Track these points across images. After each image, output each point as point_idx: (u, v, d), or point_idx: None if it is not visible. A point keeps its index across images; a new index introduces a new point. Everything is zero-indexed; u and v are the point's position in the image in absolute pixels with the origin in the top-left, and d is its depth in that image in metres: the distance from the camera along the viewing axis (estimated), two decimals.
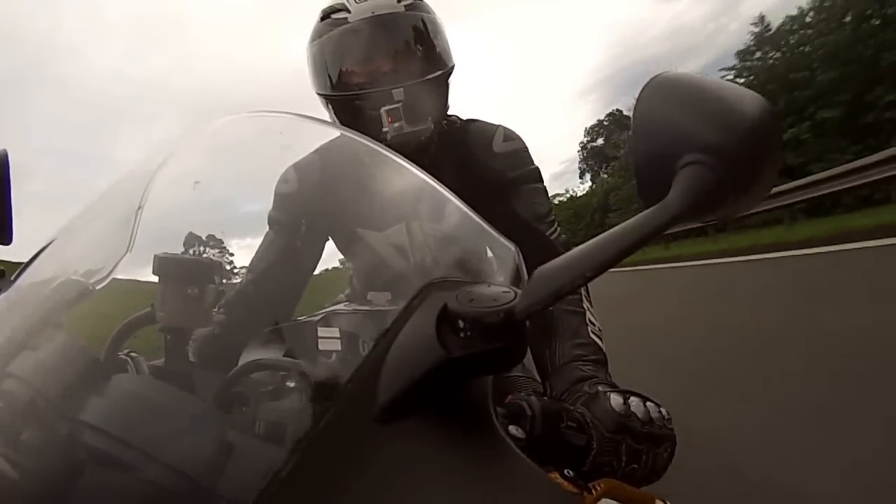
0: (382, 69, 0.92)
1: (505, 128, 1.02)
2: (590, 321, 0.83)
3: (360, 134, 0.53)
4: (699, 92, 0.38)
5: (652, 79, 0.41)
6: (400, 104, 0.88)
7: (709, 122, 0.36)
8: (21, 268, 0.53)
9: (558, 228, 0.98)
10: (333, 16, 0.95)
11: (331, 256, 0.66)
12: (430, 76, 0.93)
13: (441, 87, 0.97)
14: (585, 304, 0.85)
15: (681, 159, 0.36)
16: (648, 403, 0.56)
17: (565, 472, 0.41)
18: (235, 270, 0.61)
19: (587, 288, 0.87)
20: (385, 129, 0.87)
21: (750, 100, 0.37)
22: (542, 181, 1.02)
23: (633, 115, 0.40)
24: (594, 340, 0.80)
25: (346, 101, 0.94)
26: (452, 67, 0.98)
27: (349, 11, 0.93)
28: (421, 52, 0.94)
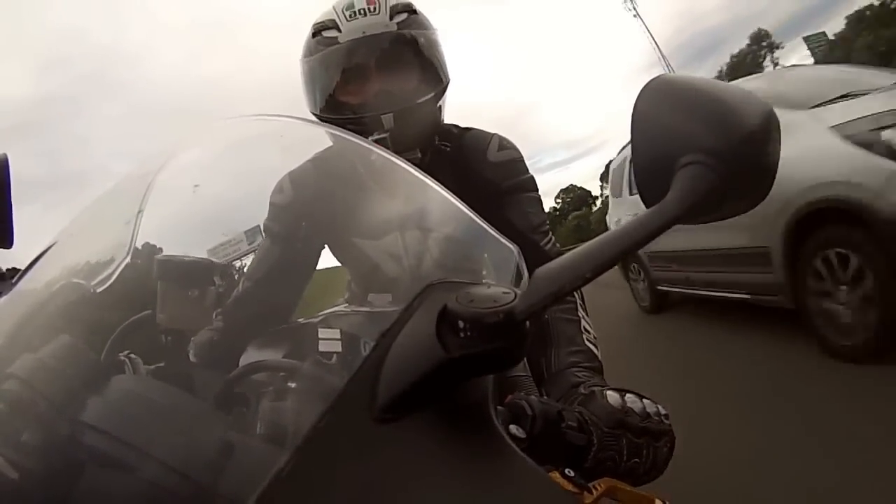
0: (372, 93, 0.90)
1: (500, 136, 1.01)
2: (585, 329, 0.83)
3: (359, 137, 0.53)
4: (699, 93, 0.38)
5: (651, 80, 0.41)
6: (388, 134, 0.86)
7: (708, 122, 0.36)
8: (23, 270, 0.53)
9: (552, 238, 0.98)
10: (324, 33, 0.92)
11: (327, 264, 0.67)
12: (422, 99, 0.91)
13: (434, 108, 0.95)
14: (581, 313, 0.85)
15: (680, 160, 0.36)
16: (645, 400, 0.57)
17: (565, 471, 0.41)
18: (235, 273, 0.61)
19: (583, 297, 0.87)
20: None
21: (750, 101, 0.37)
22: (536, 190, 1.01)
23: (633, 115, 0.41)
24: (589, 348, 0.80)
25: (337, 124, 0.91)
26: (447, 85, 0.96)
27: (339, 31, 0.90)
28: (413, 73, 0.92)
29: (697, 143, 0.36)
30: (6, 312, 0.50)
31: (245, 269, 0.66)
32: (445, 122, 1.02)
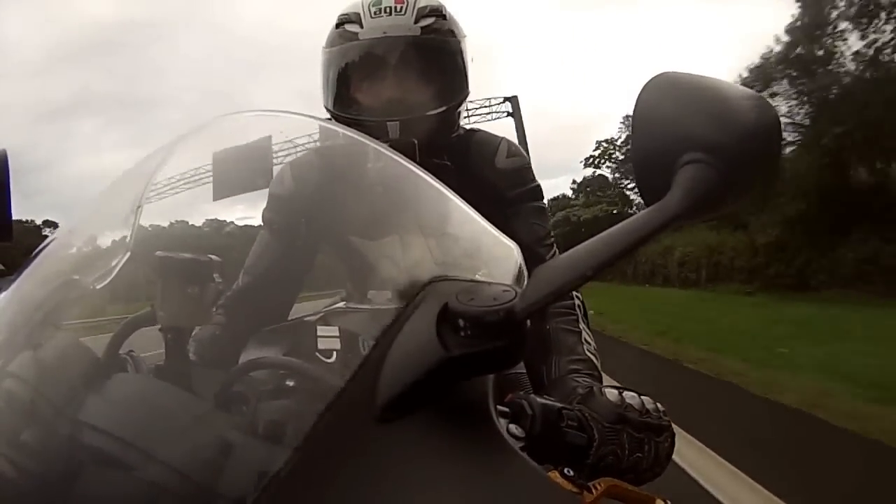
0: (384, 96, 0.86)
1: (509, 141, 0.98)
2: (585, 340, 0.83)
3: (362, 135, 0.53)
4: (700, 90, 0.38)
5: (655, 76, 0.41)
6: (389, 143, 0.83)
7: (709, 120, 0.36)
8: (21, 267, 0.53)
9: (556, 251, 0.97)
10: (346, 27, 0.87)
11: (325, 260, 0.67)
12: (433, 111, 0.87)
13: (447, 119, 0.90)
14: (581, 325, 0.85)
15: (681, 158, 0.36)
16: (643, 397, 0.57)
17: (565, 471, 0.41)
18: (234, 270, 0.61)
19: (583, 308, 0.87)
20: None
21: (750, 99, 0.37)
22: (542, 199, 0.98)
23: (634, 113, 0.40)
24: (590, 357, 0.80)
25: (343, 122, 0.88)
26: (464, 97, 0.92)
27: (361, 26, 0.86)
28: (430, 82, 0.87)
29: (699, 141, 0.36)
30: (5, 309, 0.50)
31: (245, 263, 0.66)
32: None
